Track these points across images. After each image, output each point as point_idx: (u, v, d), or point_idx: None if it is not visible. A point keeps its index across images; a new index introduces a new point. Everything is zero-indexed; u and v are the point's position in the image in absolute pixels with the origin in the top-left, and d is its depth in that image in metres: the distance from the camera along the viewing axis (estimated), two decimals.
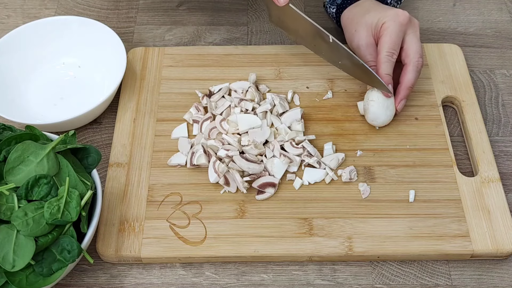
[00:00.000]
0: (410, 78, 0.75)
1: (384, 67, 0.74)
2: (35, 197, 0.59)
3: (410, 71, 0.75)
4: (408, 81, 0.75)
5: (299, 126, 0.75)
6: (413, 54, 0.75)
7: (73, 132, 0.66)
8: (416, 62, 0.75)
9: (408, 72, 0.75)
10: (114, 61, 0.80)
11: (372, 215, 0.69)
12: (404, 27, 0.75)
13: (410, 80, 0.75)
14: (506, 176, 0.75)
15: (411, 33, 0.75)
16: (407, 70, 0.75)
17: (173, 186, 0.72)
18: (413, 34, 0.75)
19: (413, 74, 0.75)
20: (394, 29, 0.74)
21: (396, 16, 0.75)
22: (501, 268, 0.68)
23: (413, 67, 0.75)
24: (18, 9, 0.95)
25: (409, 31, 0.75)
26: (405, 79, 0.75)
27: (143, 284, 0.67)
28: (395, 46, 0.74)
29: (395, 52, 0.75)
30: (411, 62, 0.75)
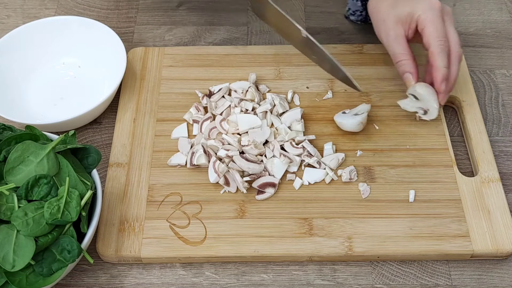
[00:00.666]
0: (453, 70, 0.71)
1: (440, 59, 0.70)
2: (35, 197, 0.59)
3: (453, 64, 0.72)
4: (453, 73, 0.72)
5: (299, 126, 0.75)
6: (453, 45, 0.71)
7: (73, 132, 0.66)
8: (457, 52, 0.71)
9: (452, 65, 0.72)
10: (114, 61, 0.80)
11: (372, 215, 0.69)
12: (442, 15, 0.71)
13: (454, 72, 0.72)
14: (506, 176, 0.75)
15: (447, 20, 0.72)
16: (451, 61, 0.71)
17: (173, 186, 0.72)
18: (449, 22, 0.72)
19: (456, 66, 0.72)
20: (436, 18, 0.71)
21: (431, 5, 0.71)
22: (501, 268, 0.68)
23: (455, 58, 0.71)
24: (18, 9, 0.95)
25: (446, 18, 0.72)
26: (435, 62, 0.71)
27: (143, 284, 0.67)
28: (443, 33, 0.71)
29: (446, 39, 0.71)
30: (452, 54, 0.71)
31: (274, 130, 0.75)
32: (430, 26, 0.71)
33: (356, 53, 0.85)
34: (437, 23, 0.71)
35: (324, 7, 0.95)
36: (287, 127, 0.76)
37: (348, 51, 0.85)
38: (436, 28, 0.70)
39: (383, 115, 0.78)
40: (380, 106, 0.79)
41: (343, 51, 0.85)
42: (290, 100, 0.80)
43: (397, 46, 0.73)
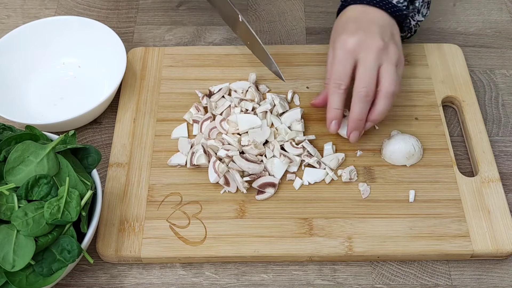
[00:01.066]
0: (353, 110, 0.70)
1: (331, 100, 0.70)
2: (35, 197, 0.59)
3: (353, 102, 0.70)
4: (352, 114, 0.70)
5: (299, 126, 0.75)
6: (356, 82, 0.69)
7: (73, 132, 0.66)
8: (358, 92, 0.69)
9: (352, 103, 0.70)
10: (114, 61, 0.80)
11: (372, 215, 0.69)
12: (350, 55, 0.69)
13: (354, 112, 0.69)
14: (506, 176, 0.75)
15: (361, 58, 0.69)
16: (352, 102, 0.70)
17: (173, 186, 0.72)
18: (362, 59, 0.69)
19: (356, 106, 0.69)
20: (340, 57, 0.70)
21: (343, 43, 0.70)
22: (501, 268, 0.68)
23: (355, 96, 0.69)
24: (18, 9, 0.95)
25: (360, 57, 0.69)
26: (351, 111, 0.70)
27: (143, 284, 0.67)
28: (341, 76, 0.69)
29: (343, 83, 0.69)
30: (354, 91, 0.69)
31: (274, 130, 0.75)
32: (332, 65, 0.71)
33: None
34: (339, 64, 0.70)
35: (324, 7, 0.95)
36: (287, 127, 0.76)
37: None
38: (334, 69, 0.70)
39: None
40: None
41: None
42: (290, 100, 0.80)
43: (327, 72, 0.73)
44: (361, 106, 0.69)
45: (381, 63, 0.70)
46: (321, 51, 0.85)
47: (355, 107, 0.69)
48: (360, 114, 0.70)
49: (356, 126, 0.71)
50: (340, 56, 0.70)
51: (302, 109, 0.77)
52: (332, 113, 0.71)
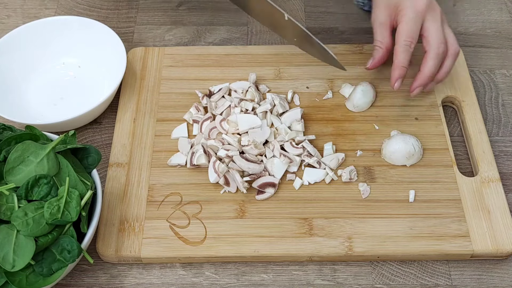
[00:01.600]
0: (429, 66, 0.72)
1: (400, 58, 0.72)
2: (35, 197, 0.59)
3: (429, 59, 0.72)
4: (426, 69, 0.73)
5: (299, 126, 0.75)
6: (432, 40, 0.72)
7: (73, 132, 0.66)
8: (437, 48, 0.72)
9: (427, 60, 0.72)
10: (114, 61, 0.80)
11: (372, 215, 0.69)
12: (421, 14, 0.72)
13: (429, 67, 0.72)
14: (506, 176, 0.75)
15: (430, 19, 0.72)
16: (426, 58, 0.72)
17: (173, 186, 0.72)
18: (432, 20, 0.72)
19: (432, 62, 0.72)
20: (412, 17, 0.72)
21: (414, 4, 0.72)
22: (501, 268, 0.68)
23: (432, 54, 0.72)
24: (18, 9, 0.95)
25: (429, 17, 0.72)
26: (423, 67, 0.73)
27: (143, 284, 0.67)
28: (413, 34, 0.72)
29: (413, 41, 0.72)
30: (430, 49, 0.72)
31: (274, 130, 0.75)
32: (402, 23, 0.72)
33: (356, 53, 0.85)
34: (411, 22, 0.72)
35: (324, 7, 0.95)
36: (287, 127, 0.76)
37: (348, 51, 0.85)
38: (407, 27, 0.72)
39: (383, 115, 0.78)
40: (380, 106, 0.79)
41: (343, 51, 0.85)
42: (290, 100, 0.80)
43: (378, 32, 0.75)
44: (436, 63, 0.72)
45: (443, 25, 0.73)
46: None
47: (431, 63, 0.72)
48: (435, 71, 0.73)
49: (425, 82, 0.74)
50: (412, 16, 0.72)
51: (302, 109, 0.77)
52: (400, 70, 0.73)
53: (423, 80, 0.73)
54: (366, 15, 0.93)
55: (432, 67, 0.72)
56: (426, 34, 0.73)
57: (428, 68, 0.72)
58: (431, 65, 0.72)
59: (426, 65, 0.73)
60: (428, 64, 0.72)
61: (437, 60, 0.72)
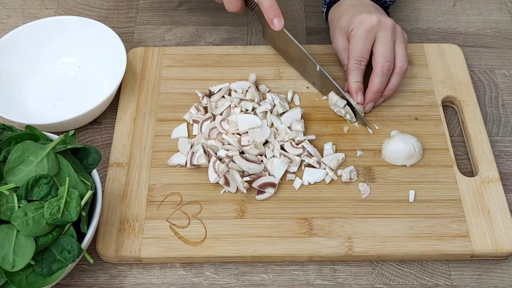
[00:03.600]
0: (374, 83, 0.75)
1: (352, 75, 0.75)
2: (35, 197, 0.59)
3: (374, 76, 0.74)
4: (371, 86, 0.75)
5: (299, 126, 0.75)
6: (378, 57, 0.74)
7: (73, 132, 0.66)
8: (381, 66, 0.74)
9: (372, 77, 0.75)
10: (114, 61, 0.80)
11: (372, 215, 0.69)
12: (371, 33, 0.74)
13: (374, 84, 0.75)
14: (506, 176, 0.75)
15: (380, 36, 0.74)
16: (372, 75, 0.75)
17: (173, 186, 0.72)
18: (382, 37, 0.74)
19: (377, 79, 0.74)
20: (360, 36, 0.74)
21: (362, 22, 0.74)
22: (501, 268, 0.68)
23: (377, 71, 0.74)
24: (18, 9, 0.95)
25: (379, 35, 0.74)
26: (370, 84, 0.75)
27: (143, 284, 0.67)
28: (362, 53, 0.74)
29: (363, 59, 0.75)
30: (376, 66, 0.74)
31: (274, 130, 0.75)
32: (352, 43, 0.75)
33: None
34: (360, 41, 0.74)
35: None
36: (287, 127, 0.75)
37: None
38: (357, 46, 0.75)
39: (383, 115, 0.78)
40: (380, 106, 0.79)
41: None
42: (290, 100, 0.80)
43: (345, 59, 0.78)
44: (382, 80, 0.74)
45: (395, 41, 0.75)
46: (321, 51, 0.85)
47: (376, 81, 0.74)
48: (380, 88, 0.75)
49: (374, 98, 0.76)
50: (361, 35, 0.74)
51: (302, 109, 0.77)
52: (355, 85, 0.75)
53: (370, 96, 0.75)
54: None
55: (376, 84, 0.74)
56: (374, 51, 0.75)
57: (373, 85, 0.75)
58: (376, 82, 0.74)
59: (372, 82, 0.75)
60: (373, 81, 0.75)
61: (382, 77, 0.74)
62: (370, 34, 0.74)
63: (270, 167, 0.72)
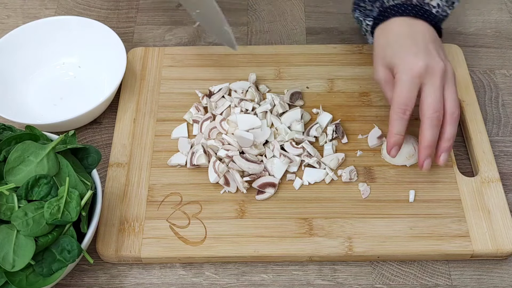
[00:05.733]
0: (424, 136, 0.66)
1: (394, 125, 0.67)
2: (35, 197, 0.59)
3: (423, 129, 0.66)
4: (423, 140, 0.66)
5: (299, 126, 0.75)
6: (426, 108, 0.66)
7: (73, 132, 0.66)
8: (429, 118, 0.66)
9: (422, 130, 0.67)
10: (114, 61, 0.80)
11: (372, 215, 0.69)
12: (418, 79, 0.66)
13: (425, 138, 0.66)
14: (506, 176, 0.75)
15: (428, 83, 0.66)
16: (421, 128, 0.67)
17: (173, 186, 0.72)
18: (430, 84, 0.66)
19: (427, 132, 0.66)
20: (405, 81, 0.66)
21: (409, 68, 0.66)
22: (501, 268, 0.68)
23: (426, 124, 0.66)
24: (18, 9, 0.95)
25: (426, 81, 0.66)
26: (420, 139, 0.67)
27: (143, 284, 0.67)
28: (407, 101, 0.66)
29: (408, 108, 0.66)
30: (423, 118, 0.66)
31: (274, 130, 0.75)
32: (396, 88, 0.67)
33: (356, 53, 0.85)
34: (405, 89, 0.66)
35: (324, 7, 0.95)
36: (287, 127, 0.75)
37: (348, 51, 0.85)
38: (401, 94, 0.66)
39: (383, 115, 0.78)
40: (380, 106, 0.79)
41: (343, 51, 0.85)
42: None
43: (388, 92, 0.70)
44: (433, 132, 0.66)
45: (444, 85, 0.67)
46: (321, 51, 0.85)
47: (427, 133, 0.66)
48: (434, 140, 0.67)
49: (429, 153, 0.67)
50: (406, 80, 0.66)
51: (302, 109, 0.77)
52: (394, 138, 0.68)
53: (424, 152, 0.67)
54: None
55: (428, 137, 0.66)
56: (421, 100, 0.67)
57: (424, 139, 0.67)
58: (426, 135, 0.66)
59: (422, 136, 0.67)
60: (424, 134, 0.67)
61: (432, 129, 0.66)
62: (416, 81, 0.66)
63: (270, 167, 0.72)
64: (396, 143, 0.68)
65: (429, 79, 0.67)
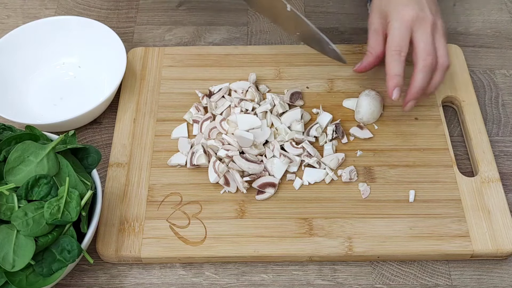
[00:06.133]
0: (417, 79, 0.70)
1: (392, 66, 0.70)
2: (35, 197, 0.59)
3: (417, 71, 0.70)
4: (415, 82, 0.70)
5: (299, 126, 0.75)
6: (420, 52, 0.70)
7: (73, 132, 0.66)
8: (423, 61, 0.70)
9: (415, 73, 0.70)
10: (114, 61, 0.80)
11: (372, 215, 0.69)
12: (408, 24, 0.70)
13: (418, 81, 0.70)
14: (506, 176, 0.75)
15: (419, 30, 0.70)
16: (414, 71, 0.71)
17: (173, 186, 0.72)
18: (421, 31, 0.70)
19: (421, 74, 0.70)
20: (397, 27, 0.70)
21: (400, 15, 0.70)
22: (501, 268, 0.68)
23: (420, 66, 0.70)
24: (18, 9, 0.95)
25: (417, 28, 0.70)
26: (412, 80, 0.71)
27: (143, 284, 0.67)
28: (401, 42, 0.70)
29: (402, 49, 0.70)
30: (417, 62, 0.70)
31: (274, 130, 0.75)
32: (390, 35, 0.71)
33: (356, 53, 0.85)
34: (397, 33, 0.70)
35: (324, 7, 0.95)
36: (287, 127, 0.75)
37: (348, 51, 0.85)
38: (393, 38, 0.70)
39: (383, 115, 0.78)
40: None
41: (343, 51, 0.85)
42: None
43: (371, 39, 0.74)
44: (425, 76, 0.70)
45: (434, 35, 0.71)
46: None
47: (419, 76, 0.70)
48: (424, 83, 0.70)
49: (416, 96, 0.71)
50: (398, 27, 0.70)
51: (302, 109, 0.77)
52: (395, 79, 0.70)
53: (413, 93, 0.71)
54: (366, 15, 0.93)
55: (420, 80, 0.70)
56: (414, 46, 0.71)
57: (417, 82, 0.70)
58: (419, 78, 0.70)
59: (415, 78, 0.70)
60: (417, 77, 0.70)
61: (425, 72, 0.70)
62: (406, 25, 0.70)
63: (270, 167, 0.72)
64: (397, 84, 0.70)
65: (420, 26, 0.70)
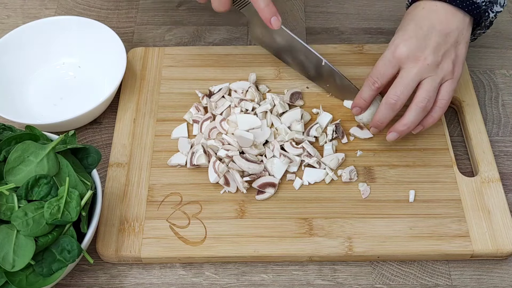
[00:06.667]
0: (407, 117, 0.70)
1: (363, 91, 0.72)
2: (35, 197, 0.59)
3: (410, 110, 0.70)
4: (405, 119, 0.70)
5: (299, 126, 0.75)
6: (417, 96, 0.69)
7: (73, 132, 0.66)
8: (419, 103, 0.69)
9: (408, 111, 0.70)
10: (114, 61, 0.80)
11: (372, 215, 0.69)
12: (396, 61, 0.69)
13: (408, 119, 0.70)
14: (506, 176, 0.75)
15: (404, 68, 0.69)
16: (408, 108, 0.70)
17: (173, 186, 0.72)
18: (405, 71, 0.69)
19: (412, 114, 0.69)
20: (384, 60, 0.70)
21: (393, 48, 0.70)
22: (501, 268, 0.68)
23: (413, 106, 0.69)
24: (18, 9, 0.95)
25: (405, 66, 0.69)
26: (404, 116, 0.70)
27: (143, 284, 0.67)
28: (379, 75, 0.70)
29: (377, 81, 0.70)
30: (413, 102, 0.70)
31: (274, 130, 0.75)
32: (377, 62, 0.71)
33: (356, 53, 0.85)
34: (381, 64, 0.70)
35: (324, 7, 0.95)
36: (287, 127, 0.75)
37: (348, 51, 0.85)
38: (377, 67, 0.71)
39: None
40: None
41: (343, 51, 0.85)
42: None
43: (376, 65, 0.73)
44: (415, 115, 0.70)
45: (423, 78, 0.69)
46: (321, 51, 0.84)
47: (409, 115, 0.70)
48: (412, 123, 0.70)
49: (401, 131, 0.71)
50: (385, 58, 0.71)
51: (302, 109, 0.77)
52: (359, 101, 0.73)
53: (398, 127, 0.71)
54: (366, 15, 0.93)
55: (410, 119, 0.70)
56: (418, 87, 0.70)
57: (406, 119, 0.70)
58: (409, 116, 0.70)
59: (406, 115, 0.70)
60: (408, 115, 0.70)
61: (417, 113, 0.69)
62: (394, 61, 0.70)
63: (270, 167, 0.72)
64: (359, 105, 0.73)
65: (407, 65, 0.69)
